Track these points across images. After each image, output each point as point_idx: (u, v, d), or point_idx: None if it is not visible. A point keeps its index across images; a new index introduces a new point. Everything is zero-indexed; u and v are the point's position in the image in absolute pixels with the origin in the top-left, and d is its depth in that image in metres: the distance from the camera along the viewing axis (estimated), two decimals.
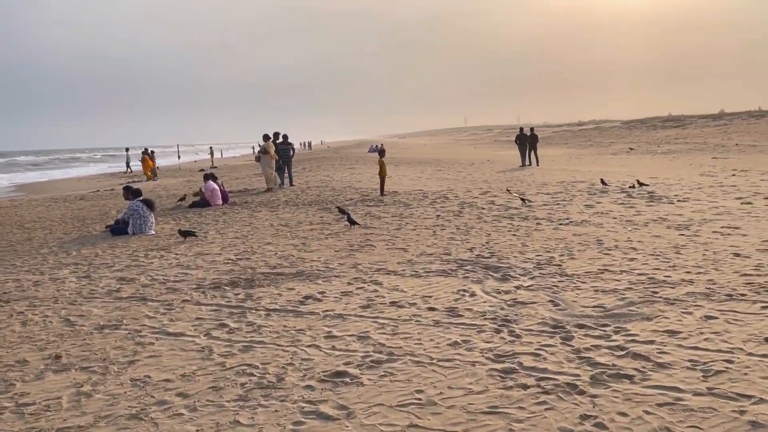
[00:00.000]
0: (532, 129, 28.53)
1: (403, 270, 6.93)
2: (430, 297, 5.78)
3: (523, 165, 26.93)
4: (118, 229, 10.71)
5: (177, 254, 8.56)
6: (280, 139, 20.20)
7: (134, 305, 5.93)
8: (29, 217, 15.71)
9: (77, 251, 9.16)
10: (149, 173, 32.28)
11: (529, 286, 6.00)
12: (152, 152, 36.31)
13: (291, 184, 20.32)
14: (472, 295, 5.79)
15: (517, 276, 6.41)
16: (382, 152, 17.59)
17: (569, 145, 50.00)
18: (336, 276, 6.77)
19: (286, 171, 20.27)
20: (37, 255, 9.03)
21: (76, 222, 13.82)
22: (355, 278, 6.63)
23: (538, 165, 26.72)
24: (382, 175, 16.23)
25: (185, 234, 9.58)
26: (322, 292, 6.10)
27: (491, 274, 6.57)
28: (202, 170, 38.39)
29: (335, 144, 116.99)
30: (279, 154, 19.46)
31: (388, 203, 13.76)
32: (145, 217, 10.60)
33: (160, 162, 43.00)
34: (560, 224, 9.83)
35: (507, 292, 5.80)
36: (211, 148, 57.62)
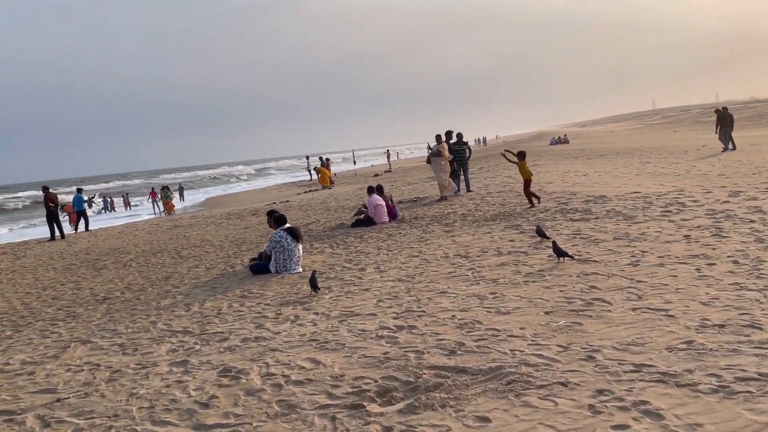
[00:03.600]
0: (725, 108, 24.82)
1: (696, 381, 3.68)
2: None
3: (726, 149, 22.94)
4: (259, 266, 8.73)
5: (317, 314, 6.15)
6: (454, 139, 17.46)
7: None
8: (194, 239, 14.79)
9: (200, 304, 7.22)
10: (328, 182, 31.66)
11: None
12: (327, 160, 35.90)
13: (468, 190, 17.50)
14: None
15: None
16: (522, 155, 13.87)
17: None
18: (562, 382, 3.76)
19: (462, 175, 17.49)
20: (155, 309, 7.23)
21: (231, 248, 12.36)
22: (601, 390, 3.58)
23: (734, 149, 22.77)
24: (526, 178, 13.05)
25: (313, 286, 7.07)
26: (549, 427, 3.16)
27: None
28: (376, 175, 37.37)
29: (511, 138, 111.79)
30: (453, 156, 16.74)
31: (599, 215, 10.28)
32: (289, 250, 8.47)
33: (335, 169, 42.80)
34: None
35: None
36: (387, 151, 56.97)
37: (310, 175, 40.88)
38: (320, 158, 34.18)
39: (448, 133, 17.18)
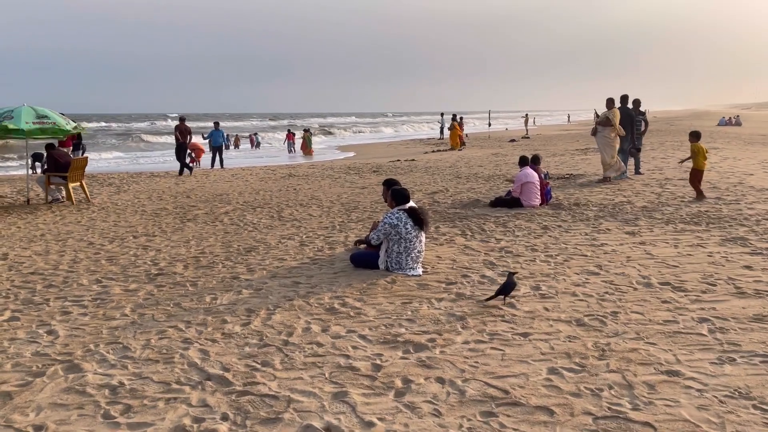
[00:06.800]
0: None
1: None
2: None
3: None
4: (364, 257, 6.20)
5: (442, 382, 3.52)
6: (630, 106, 13.81)
7: None
8: (304, 194, 12.70)
9: (266, 316, 4.81)
10: (458, 141, 28.90)
11: None
12: (461, 119, 32.88)
13: (637, 172, 13.92)
14: None
15: None
16: (696, 135, 10.53)
17: None
18: None
19: (633, 153, 13.88)
20: (202, 313, 4.87)
21: (339, 214, 10.02)
22: None
23: None
24: (698, 167, 10.23)
25: (505, 290, 4.65)
26: None
27: None
28: (512, 140, 33.79)
29: (662, 114, 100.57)
30: (626, 127, 13.18)
31: None
32: (408, 240, 5.86)
33: (467, 129, 39.61)
34: None
35: None
36: (526, 115, 52.50)
37: (442, 133, 38.08)
38: (453, 116, 31.16)
39: (624, 98, 13.57)
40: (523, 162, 10.27)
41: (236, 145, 38.74)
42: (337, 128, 66.46)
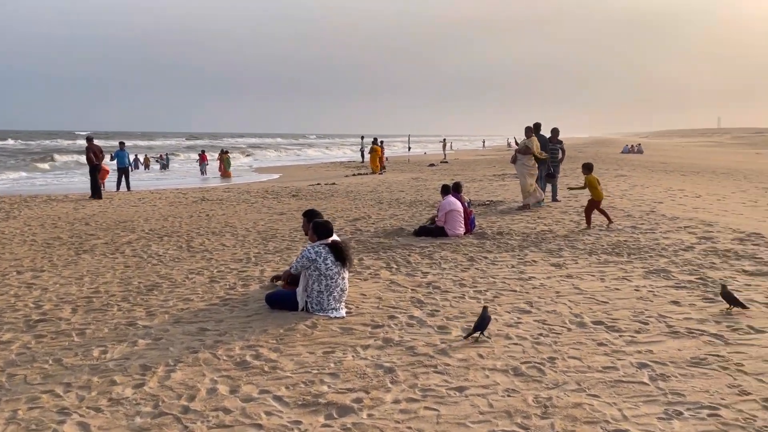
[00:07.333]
0: None
1: None
2: None
3: None
4: (282, 297, 5.62)
5: (391, 422, 3.05)
6: (549, 134, 14.03)
7: None
8: (217, 221, 11.90)
9: (164, 375, 4.14)
10: (377, 165, 28.75)
11: None
12: (381, 143, 32.85)
13: (555, 199, 14.12)
14: None
15: None
16: (588, 167, 10.96)
17: None
18: None
19: (549, 180, 14.07)
20: (87, 374, 4.07)
21: (255, 243, 9.37)
22: None
23: None
24: (597, 198, 10.32)
25: (482, 325, 4.27)
26: None
27: None
28: (431, 164, 34.05)
29: (569, 142, 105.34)
30: (547, 155, 13.35)
31: None
32: (329, 277, 5.35)
33: (388, 153, 39.69)
34: None
35: None
36: (444, 139, 53.38)
37: (362, 156, 37.94)
38: (374, 139, 31.09)
39: (537, 126, 13.75)
40: (445, 190, 10.04)
41: (146, 166, 36.85)
42: (259, 149, 65.05)
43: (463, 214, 9.73)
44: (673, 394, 3.75)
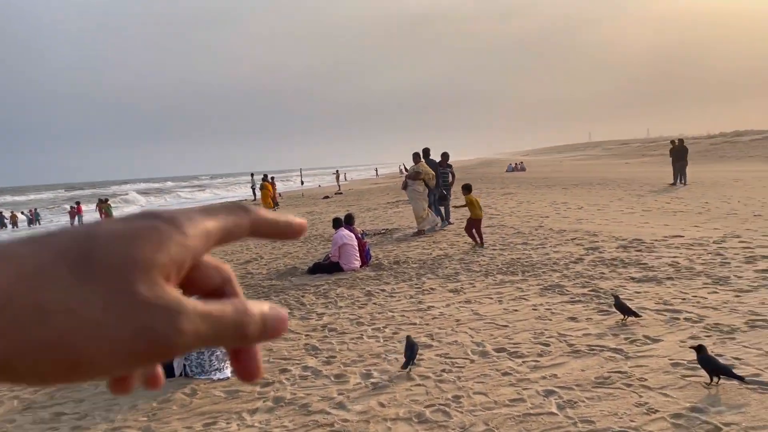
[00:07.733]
0: (681, 140, 23.69)
1: None
2: None
3: (675, 183, 22.02)
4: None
5: None
6: (439, 158, 14.14)
7: None
8: None
9: None
10: (270, 202, 27.99)
11: None
12: (272, 178, 32.14)
13: (448, 222, 14.19)
14: None
15: None
16: (467, 188, 11.46)
17: (726, 159, 39.82)
18: None
19: (442, 203, 14.15)
20: None
21: None
22: None
23: (685, 184, 21.66)
24: (476, 217, 10.59)
25: (414, 355, 3.86)
26: None
27: None
28: (326, 197, 33.71)
29: (457, 164, 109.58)
30: (437, 179, 13.43)
31: (665, 271, 7.09)
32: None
33: (281, 188, 38.96)
34: None
35: None
36: (337, 171, 53.34)
37: (254, 194, 36.91)
38: (264, 175, 30.33)
39: (426, 151, 13.85)
40: (337, 223, 9.70)
41: (13, 223, 33.66)
42: (147, 194, 61.76)
43: (357, 247, 9.40)
44: (583, 422, 3.55)
